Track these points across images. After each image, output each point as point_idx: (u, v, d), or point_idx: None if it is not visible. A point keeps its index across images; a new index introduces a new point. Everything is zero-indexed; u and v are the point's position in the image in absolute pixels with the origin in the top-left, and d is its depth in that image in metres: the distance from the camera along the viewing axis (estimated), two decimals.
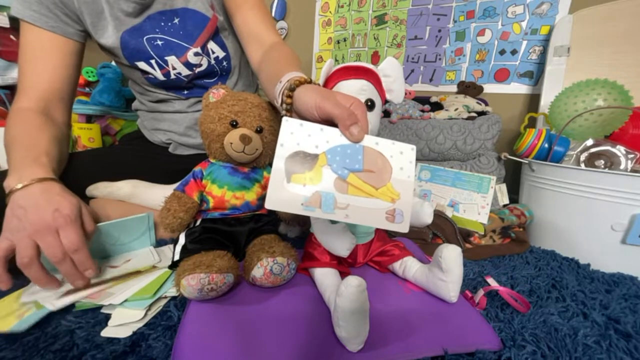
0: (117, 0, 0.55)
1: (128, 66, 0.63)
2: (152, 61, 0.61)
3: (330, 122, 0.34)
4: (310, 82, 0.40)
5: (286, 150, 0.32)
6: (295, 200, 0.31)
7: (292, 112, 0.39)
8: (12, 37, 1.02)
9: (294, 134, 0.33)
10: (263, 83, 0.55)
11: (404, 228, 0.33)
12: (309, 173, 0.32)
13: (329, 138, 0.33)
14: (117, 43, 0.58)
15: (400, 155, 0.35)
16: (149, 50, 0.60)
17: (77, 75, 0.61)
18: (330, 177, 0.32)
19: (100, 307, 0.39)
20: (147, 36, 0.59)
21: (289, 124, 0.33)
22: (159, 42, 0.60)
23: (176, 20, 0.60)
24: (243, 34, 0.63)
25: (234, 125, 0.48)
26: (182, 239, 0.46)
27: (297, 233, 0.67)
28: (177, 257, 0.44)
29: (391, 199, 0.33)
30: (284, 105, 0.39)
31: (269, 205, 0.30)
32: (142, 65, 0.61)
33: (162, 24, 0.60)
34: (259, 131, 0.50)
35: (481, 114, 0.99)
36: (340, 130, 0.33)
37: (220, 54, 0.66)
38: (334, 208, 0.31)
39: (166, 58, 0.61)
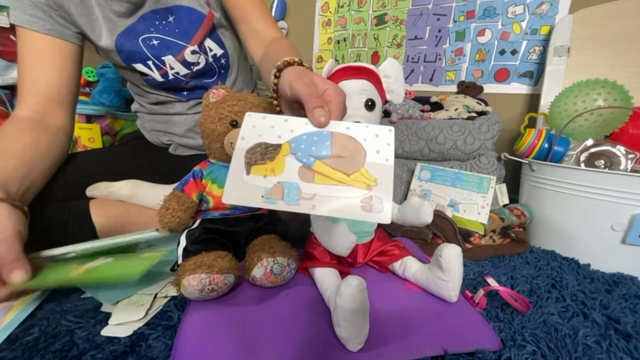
0: (107, 1, 0.55)
1: (125, 68, 0.62)
2: (149, 62, 0.61)
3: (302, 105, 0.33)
4: (301, 64, 0.38)
5: (246, 143, 0.31)
6: (255, 193, 0.28)
7: (279, 93, 0.38)
8: (12, 37, 1.02)
9: (255, 127, 0.31)
10: (264, 76, 0.55)
11: (384, 218, 0.28)
12: (271, 163, 0.30)
13: (293, 127, 0.31)
14: (112, 46, 0.58)
15: (375, 138, 0.31)
16: (145, 51, 0.60)
17: (78, 79, 0.60)
18: (294, 167, 0.30)
19: (100, 305, 0.39)
20: (143, 36, 0.59)
21: (251, 118, 0.32)
22: (155, 42, 0.59)
23: (171, 19, 0.59)
24: (244, 32, 0.63)
25: (235, 125, 0.48)
26: (183, 241, 0.46)
27: (297, 233, 0.67)
28: (180, 261, 0.44)
29: (366, 185, 0.29)
30: (273, 87, 0.38)
31: (226, 200, 0.28)
32: (139, 67, 0.61)
33: (157, 22, 0.59)
34: None
35: (481, 114, 0.98)
36: (307, 113, 0.31)
37: (218, 51, 0.66)
38: (298, 199, 0.28)
39: (163, 58, 0.61)
